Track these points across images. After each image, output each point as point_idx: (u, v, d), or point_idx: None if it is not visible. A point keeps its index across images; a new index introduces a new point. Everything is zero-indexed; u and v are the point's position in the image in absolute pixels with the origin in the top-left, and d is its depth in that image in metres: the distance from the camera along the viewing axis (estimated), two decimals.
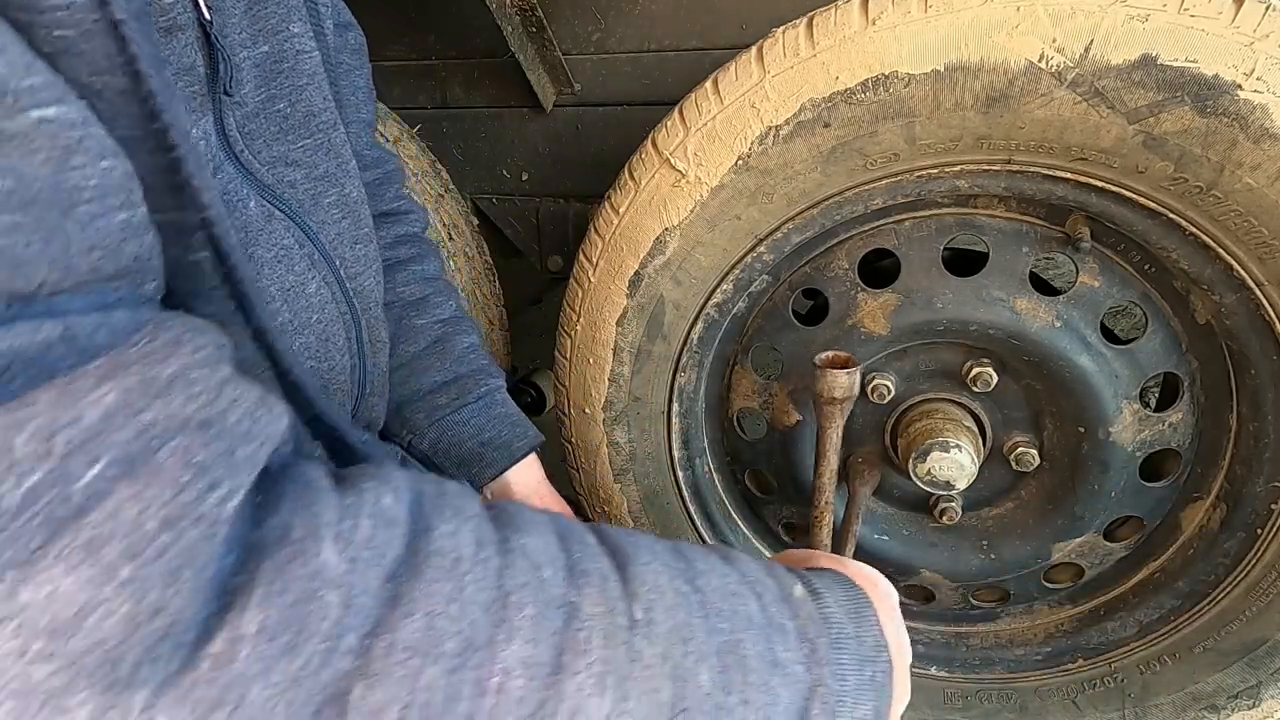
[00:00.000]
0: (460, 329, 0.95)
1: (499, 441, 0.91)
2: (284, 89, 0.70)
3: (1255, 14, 0.73)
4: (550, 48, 1.20)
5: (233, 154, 0.64)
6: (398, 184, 0.99)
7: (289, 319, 0.68)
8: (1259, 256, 0.83)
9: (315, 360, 0.71)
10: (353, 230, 0.77)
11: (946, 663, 1.20)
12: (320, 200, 0.74)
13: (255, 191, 0.66)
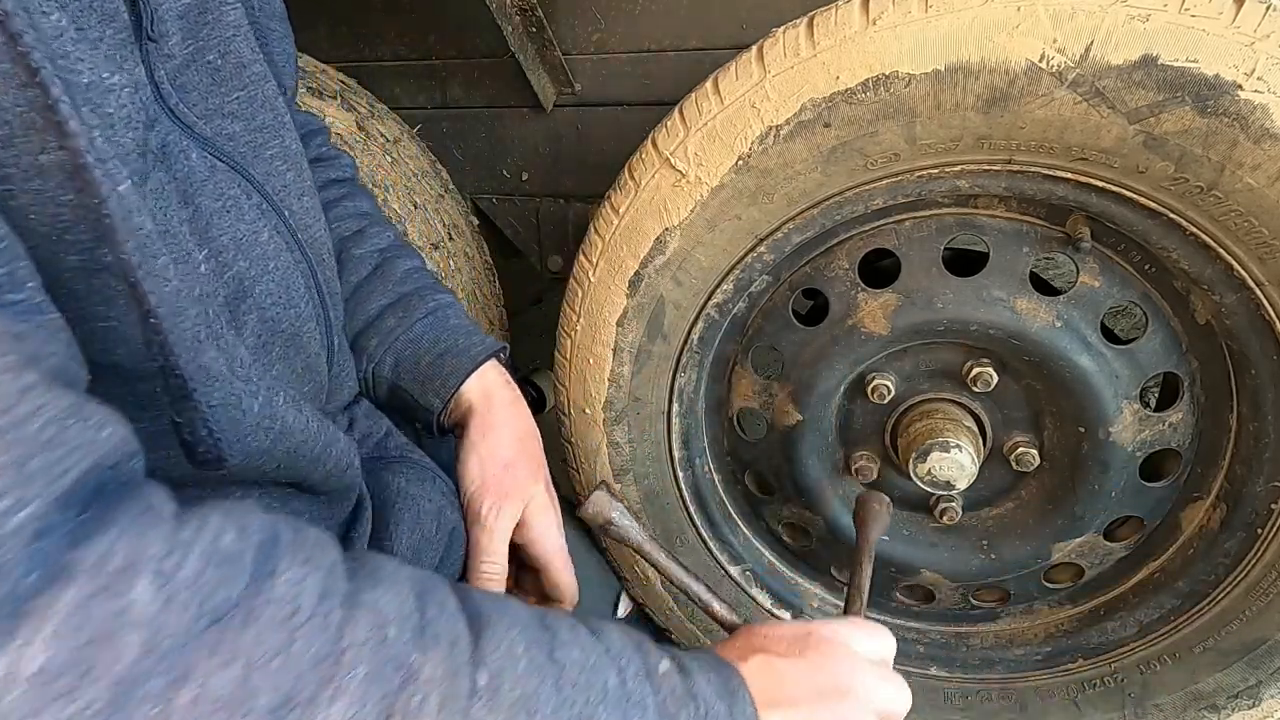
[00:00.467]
0: (400, 254, 0.94)
1: (455, 350, 0.90)
2: (211, 40, 0.70)
3: (1256, 14, 0.73)
4: (550, 48, 1.20)
5: (167, 107, 0.64)
6: (324, 135, 1.00)
7: (246, 268, 0.67)
8: (1259, 256, 0.84)
9: (280, 307, 0.71)
10: (298, 182, 0.77)
11: (947, 663, 1.20)
12: (262, 152, 0.73)
13: (196, 144, 0.66)
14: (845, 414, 1.10)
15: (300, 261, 0.74)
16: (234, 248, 0.67)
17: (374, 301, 0.91)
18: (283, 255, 0.72)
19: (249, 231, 0.68)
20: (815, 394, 1.06)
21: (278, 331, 0.71)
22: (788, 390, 1.08)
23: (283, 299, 0.71)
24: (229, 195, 0.67)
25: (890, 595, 1.21)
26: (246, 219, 0.68)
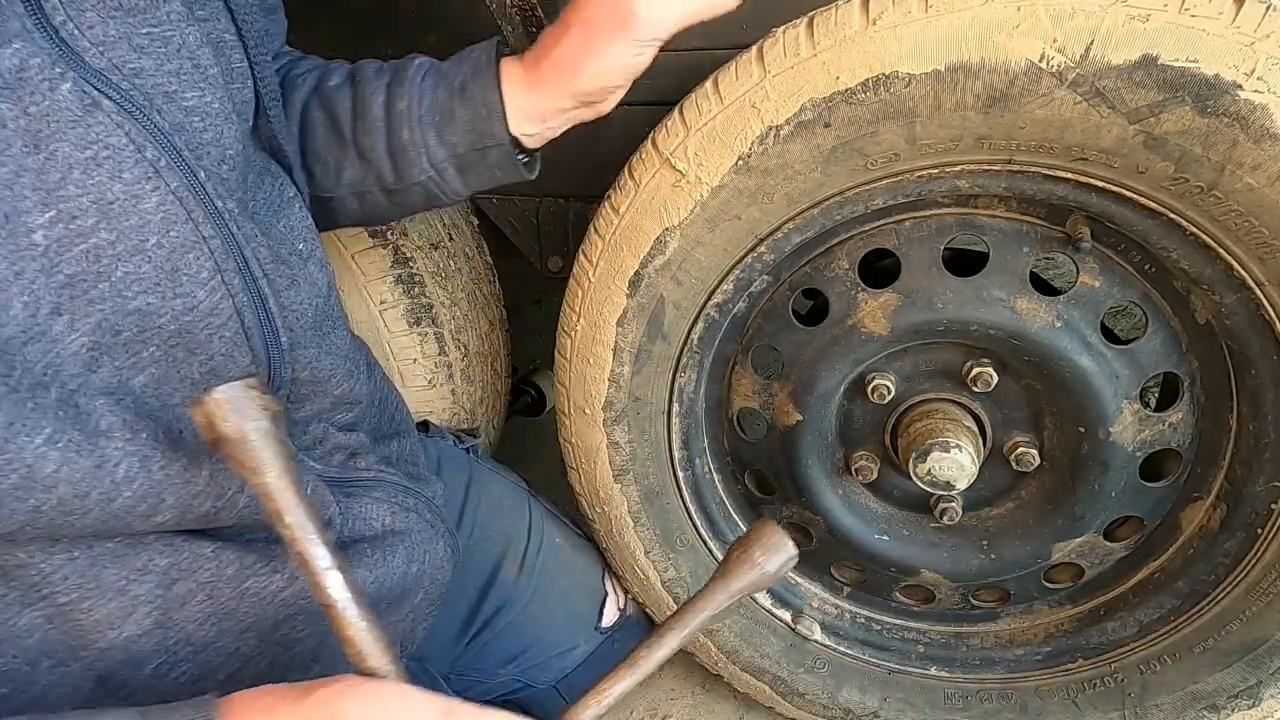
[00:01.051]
0: (364, 62, 0.92)
1: (466, 72, 0.86)
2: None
3: (1256, 14, 0.73)
4: None
5: (45, 21, 0.54)
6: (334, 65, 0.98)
7: (108, 240, 0.56)
8: (1259, 256, 0.84)
9: (156, 296, 0.59)
10: (218, 149, 0.67)
11: (946, 663, 1.20)
12: (177, 99, 0.63)
13: (75, 73, 0.55)
14: (845, 414, 1.10)
15: (211, 239, 0.62)
16: (96, 213, 0.55)
17: (374, 106, 0.87)
18: (176, 229, 0.60)
19: (124, 194, 0.57)
20: (815, 394, 1.06)
21: (149, 329, 0.60)
22: (788, 390, 1.08)
23: (161, 286, 0.59)
24: (104, 144, 0.56)
25: (890, 595, 1.21)
26: (124, 178, 0.57)
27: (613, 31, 0.79)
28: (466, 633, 1.14)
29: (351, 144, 0.89)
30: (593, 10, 0.79)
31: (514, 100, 0.85)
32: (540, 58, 0.84)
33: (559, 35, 0.82)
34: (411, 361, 1.25)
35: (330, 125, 0.90)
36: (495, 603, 1.15)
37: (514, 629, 1.16)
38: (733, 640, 1.23)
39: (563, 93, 0.84)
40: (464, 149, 0.87)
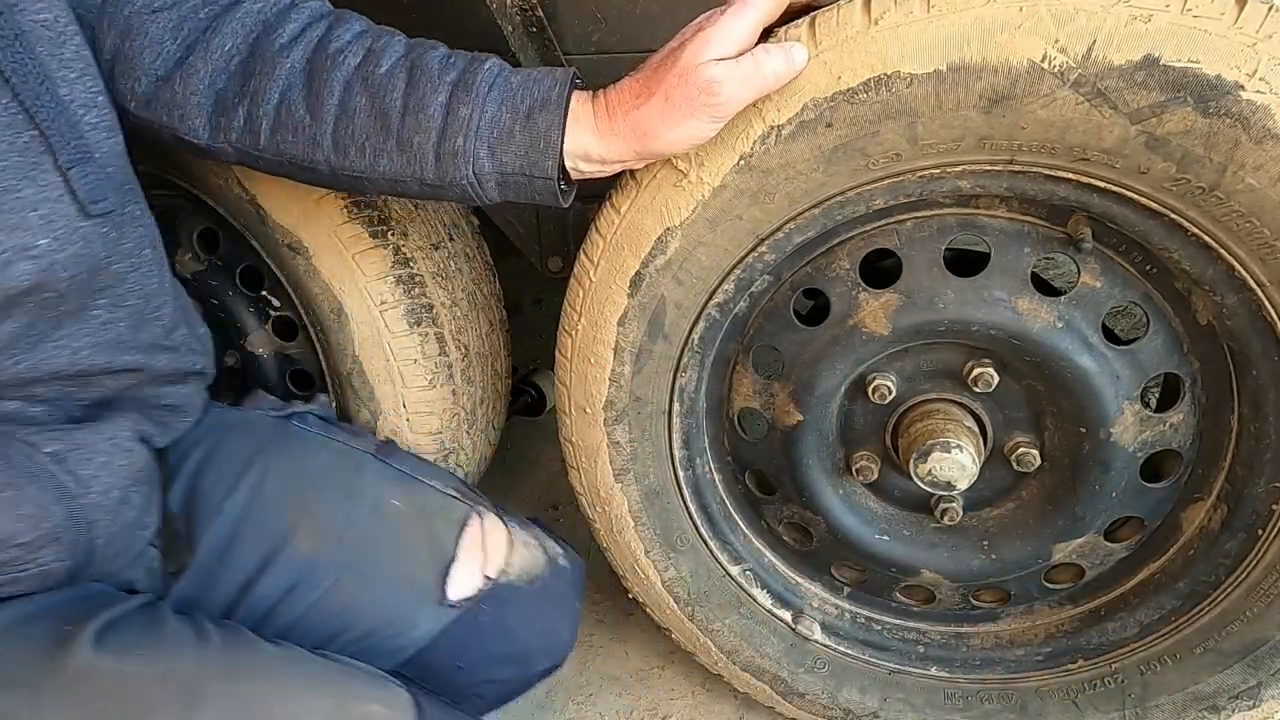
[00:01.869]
0: (423, 50, 0.90)
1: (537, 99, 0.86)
2: None
3: (1258, 15, 0.73)
4: (550, 48, 1.20)
5: None
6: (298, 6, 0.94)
7: None
8: (1260, 257, 0.84)
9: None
10: (81, 83, 0.68)
11: (947, 663, 1.20)
12: None
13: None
14: (846, 414, 1.10)
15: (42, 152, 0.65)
16: None
17: (432, 104, 0.86)
18: None
19: None
20: (816, 394, 1.06)
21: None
22: (788, 390, 1.08)
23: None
24: None
25: (890, 595, 1.21)
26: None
27: (695, 109, 0.82)
28: (251, 607, 1.03)
29: (396, 135, 0.88)
30: (676, 84, 0.81)
31: (579, 140, 0.86)
32: (616, 111, 0.85)
33: (639, 97, 0.84)
34: (411, 361, 1.25)
35: (375, 114, 0.88)
36: (284, 579, 1.03)
37: (321, 609, 1.04)
38: (733, 640, 1.23)
39: (630, 151, 0.86)
40: (512, 170, 0.88)
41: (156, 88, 0.93)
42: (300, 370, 1.40)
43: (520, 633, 1.09)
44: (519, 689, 1.16)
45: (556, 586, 1.15)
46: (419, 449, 1.31)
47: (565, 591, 1.16)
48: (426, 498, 1.14)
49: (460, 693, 1.08)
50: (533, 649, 1.12)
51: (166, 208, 1.40)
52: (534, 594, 1.11)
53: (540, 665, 1.14)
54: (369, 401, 1.28)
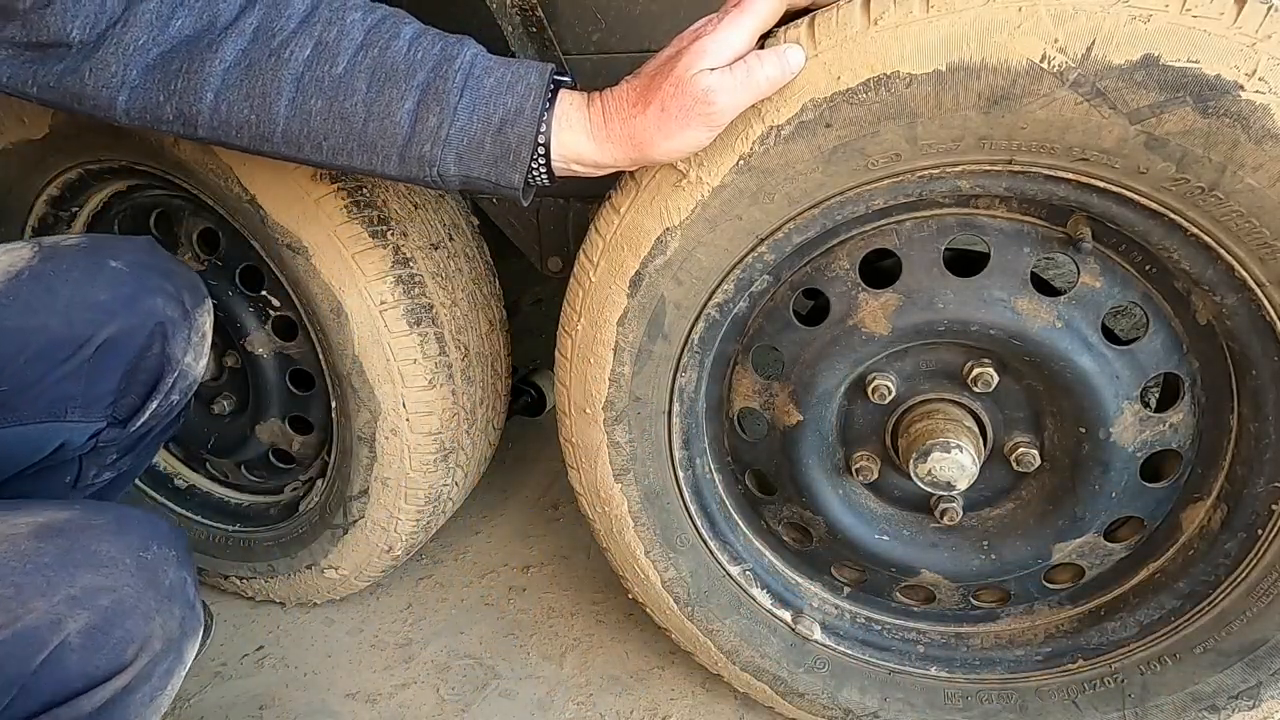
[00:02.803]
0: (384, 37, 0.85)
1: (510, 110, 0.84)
2: None
3: (1257, 15, 0.73)
4: (550, 48, 1.20)
5: None
6: None
7: None
8: (1260, 257, 0.84)
9: None
10: None
11: (946, 663, 1.20)
12: None
13: None
14: (846, 414, 1.10)
15: None
16: None
17: (398, 111, 0.83)
18: None
19: None
20: (816, 394, 1.06)
21: None
22: (788, 390, 1.08)
23: None
24: None
25: (890, 595, 1.21)
26: None
27: (690, 119, 0.82)
28: None
29: (358, 137, 0.86)
30: (672, 94, 0.82)
31: (573, 144, 0.86)
32: (612, 118, 0.85)
33: (635, 105, 0.84)
34: (411, 361, 1.25)
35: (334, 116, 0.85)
36: None
37: None
38: (733, 640, 1.23)
39: (626, 158, 0.87)
40: (478, 176, 0.87)
41: (61, 78, 0.88)
42: (300, 370, 1.40)
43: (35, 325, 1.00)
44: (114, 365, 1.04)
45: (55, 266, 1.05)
46: (419, 449, 1.31)
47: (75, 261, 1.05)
48: None
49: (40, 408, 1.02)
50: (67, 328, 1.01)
51: (166, 208, 1.41)
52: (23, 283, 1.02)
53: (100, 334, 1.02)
54: (369, 401, 1.28)
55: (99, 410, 1.06)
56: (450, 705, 1.41)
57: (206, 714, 1.44)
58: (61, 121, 1.30)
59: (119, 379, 1.05)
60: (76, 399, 1.03)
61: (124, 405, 1.07)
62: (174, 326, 1.07)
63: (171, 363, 1.08)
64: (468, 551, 1.75)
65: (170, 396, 1.10)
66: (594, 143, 0.86)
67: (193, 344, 1.11)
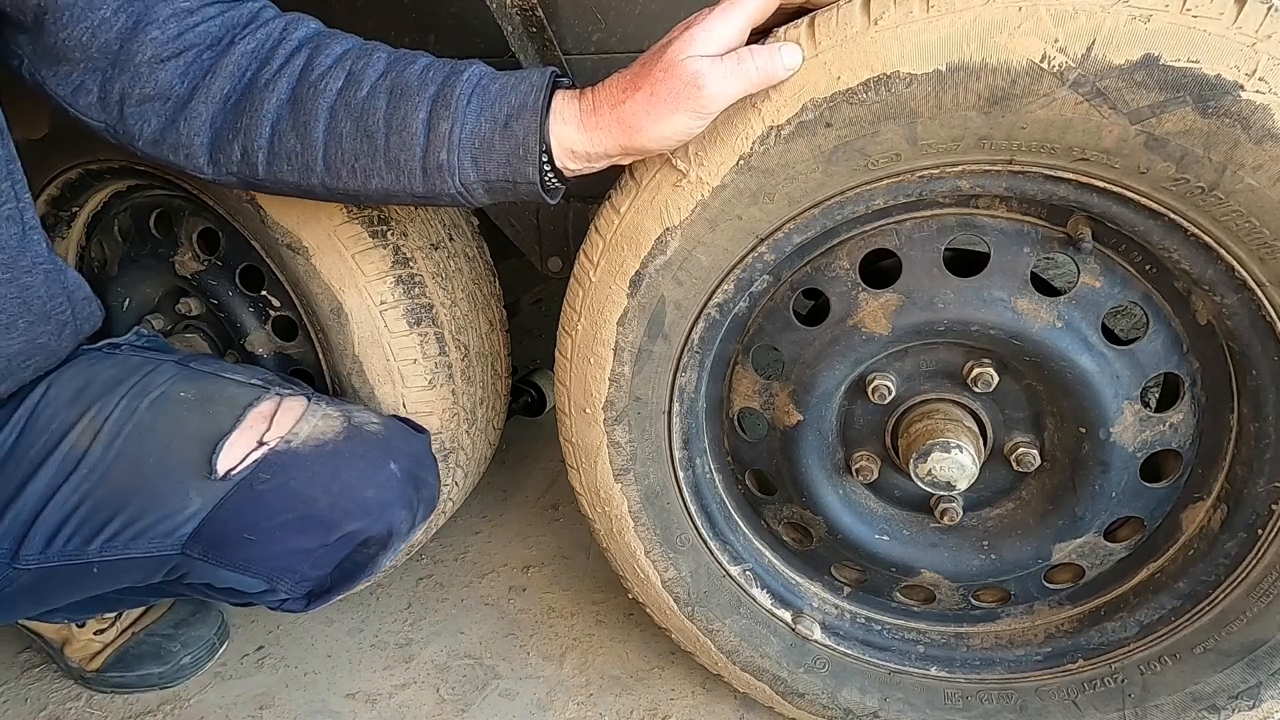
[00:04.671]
0: (403, 65, 0.92)
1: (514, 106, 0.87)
2: None
3: (1257, 15, 0.73)
4: (550, 48, 1.20)
5: None
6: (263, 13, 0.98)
7: None
8: (1260, 257, 0.84)
9: None
10: None
11: (946, 663, 1.20)
12: None
13: None
14: (846, 414, 1.10)
15: None
16: None
17: (414, 122, 0.89)
18: None
19: None
20: (816, 394, 1.06)
21: None
22: (788, 390, 1.08)
23: None
24: None
25: (890, 595, 1.21)
26: None
27: (679, 103, 0.82)
28: (22, 505, 1.05)
29: (383, 154, 0.91)
30: (661, 78, 0.82)
31: (565, 137, 0.87)
32: (601, 105, 0.86)
33: (624, 91, 0.85)
34: (411, 361, 1.25)
35: (361, 135, 0.91)
36: (56, 473, 1.05)
37: (92, 500, 1.04)
38: (733, 640, 1.23)
39: (616, 145, 0.87)
40: (497, 178, 0.90)
41: (163, 130, 0.97)
42: (300, 370, 1.40)
43: (309, 495, 1.06)
44: (339, 555, 1.10)
45: (352, 447, 1.10)
46: None
47: (365, 451, 1.11)
48: (219, 387, 1.12)
49: (267, 567, 1.08)
50: (329, 510, 1.07)
51: (166, 208, 1.41)
52: (320, 455, 1.07)
53: (348, 526, 1.08)
54: (369, 401, 1.28)
55: (303, 587, 1.13)
56: (450, 705, 1.41)
57: (206, 714, 1.44)
58: (61, 121, 1.30)
59: (335, 567, 1.12)
60: (298, 573, 1.10)
61: (320, 587, 1.15)
62: (398, 540, 1.15)
63: (376, 567, 1.16)
64: (468, 551, 1.75)
65: (354, 587, 1.20)
66: (584, 132, 0.87)
67: (397, 552, 1.18)
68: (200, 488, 1.04)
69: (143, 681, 1.48)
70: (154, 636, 1.50)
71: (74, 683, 1.51)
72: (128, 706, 1.47)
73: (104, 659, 1.47)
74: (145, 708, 1.46)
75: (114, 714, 1.46)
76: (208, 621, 1.55)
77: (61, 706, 1.48)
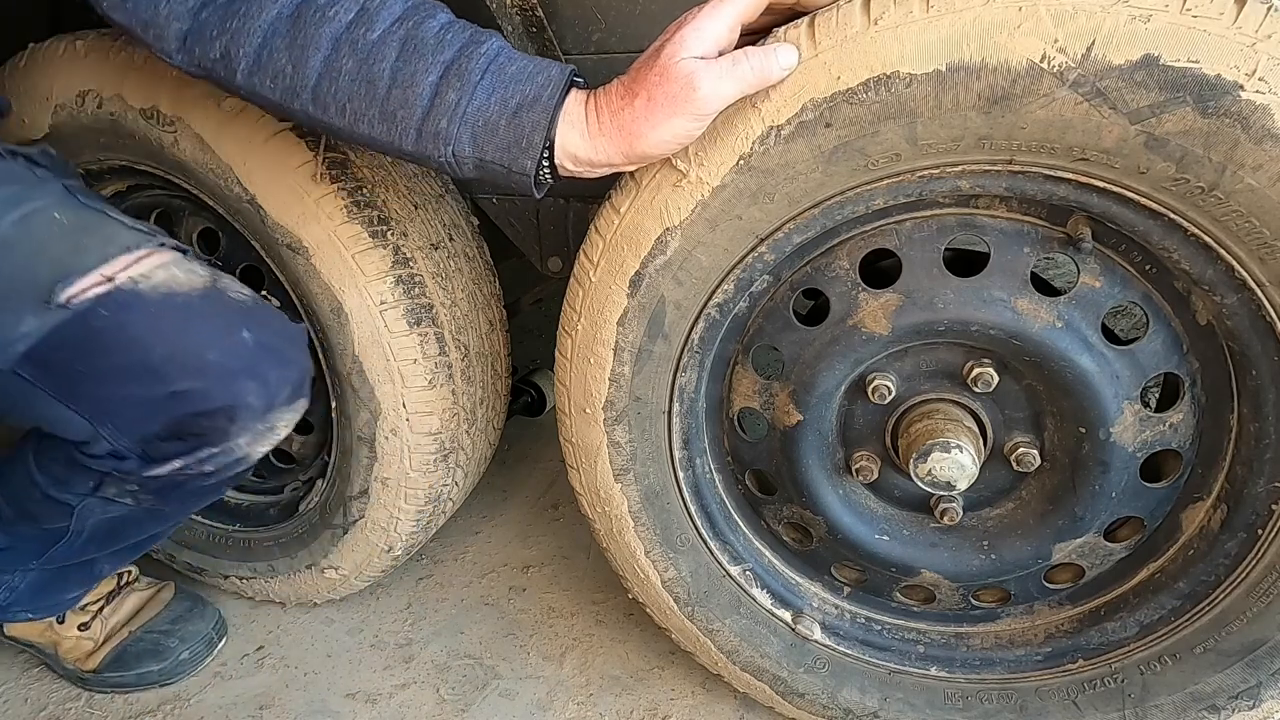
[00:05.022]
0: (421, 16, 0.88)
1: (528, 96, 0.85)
2: None
3: (1257, 15, 0.73)
4: (550, 48, 1.20)
5: None
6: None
7: None
8: (1260, 257, 0.84)
9: None
10: None
11: (946, 663, 1.20)
12: None
13: None
14: (846, 414, 1.10)
15: None
16: None
17: (421, 82, 0.86)
18: None
19: None
20: (816, 394, 1.06)
21: None
22: (788, 390, 1.08)
23: None
24: None
25: (890, 595, 1.21)
26: None
27: (676, 107, 0.82)
28: None
29: (380, 105, 0.88)
30: (657, 83, 0.82)
31: (570, 142, 0.87)
32: (603, 112, 0.86)
33: (623, 99, 0.85)
34: (411, 361, 1.25)
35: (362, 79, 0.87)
36: None
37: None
38: (733, 640, 1.23)
39: (618, 154, 0.87)
40: (491, 160, 0.88)
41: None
42: None
43: (146, 341, 1.01)
44: (171, 414, 1.05)
45: (206, 305, 1.05)
46: (419, 449, 1.31)
47: (219, 313, 1.06)
48: (100, 223, 1.06)
49: (93, 407, 1.04)
50: (163, 363, 1.02)
51: (166, 208, 1.41)
52: (168, 305, 1.02)
53: (181, 383, 1.03)
54: (369, 401, 1.28)
55: (132, 439, 1.07)
56: (450, 705, 1.41)
57: (206, 714, 1.44)
58: (61, 121, 1.30)
59: (164, 426, 1.06)
60: (122, 421, 1.05)
61: (157, 449, 1.09)
62: (245, 415, 1.07)
63: (222, 441, 1.09)
64: (468, 551, 1.75)
65: (205, 465, 1.11)
66: (587, 139, 0.87)
67: (256, 435, 1.11)
68: (37, 311, 0.99)
69: (142, 680, 1.48)
70: (151, 634, 1.50)
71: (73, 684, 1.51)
72: (128, 706, 1.47)
73: (100, 658, 1.47)
74: (145, 707, 1.46)
75: (114, 714, 1.46)
76: (205, 617, 1.55)
77: (61, 707, 1.48)
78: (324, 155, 1.19)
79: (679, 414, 1.11)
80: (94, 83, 1.25)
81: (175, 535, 1.62)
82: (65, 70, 1.28)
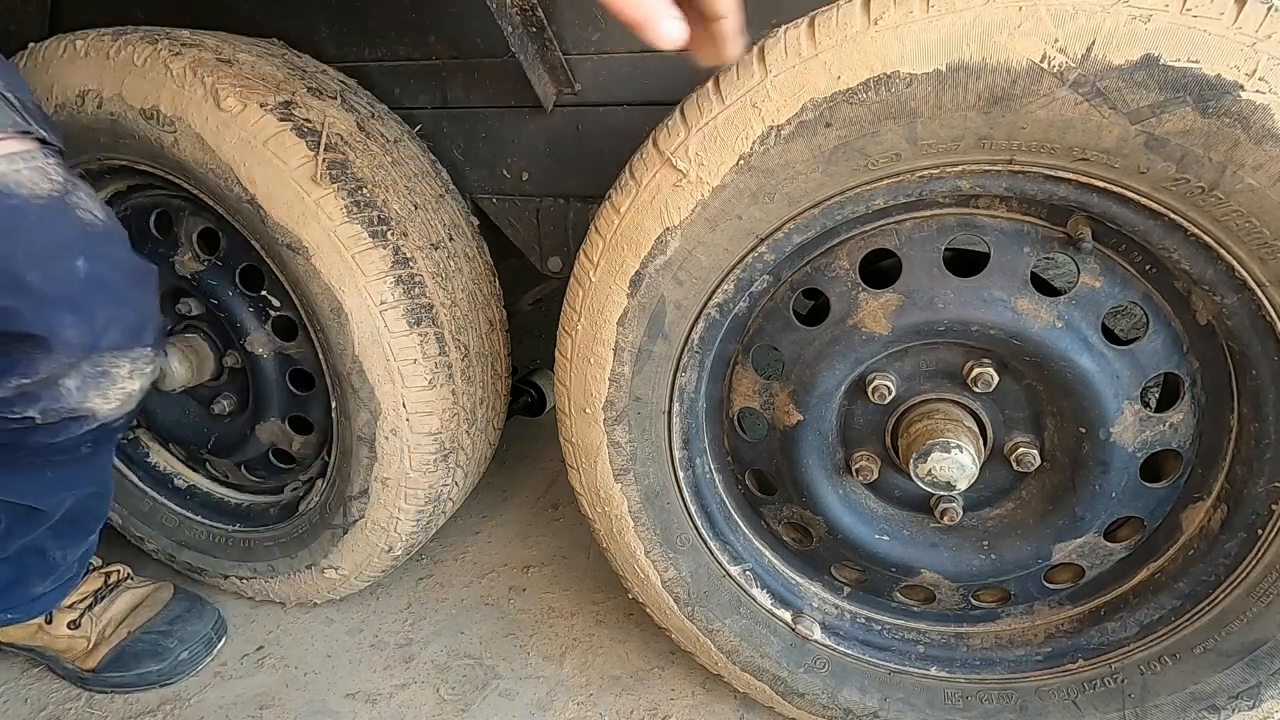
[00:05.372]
0: None
1: None
2: None
3: (1257, 15, 0.73)
4: (550, 48, 1.20)
5: None
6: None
7: None
8: (1260, 257, 0.84)
9: None
10: None
11: (946, 663, 1.20)
12: None
13: None
14: (846, 414, 1.10)
15: None
16: None
17: None
18: None
19: None
20: (816, 394, 1.06)
21: None
22: (788, 390, 1.08)
23: None
24: None
25: (890, 595, 1.21)
26: None
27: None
28: None
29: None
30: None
31: None
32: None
33: None
34: (411, 361, 1.25)
35: None
36: None
37: None
38: (733, 640, 1.23)
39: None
40: None
41: None
42: (300, 370, 1.40)
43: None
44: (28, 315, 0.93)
45: (44, 217, 0.93)
46: (419, 449, 1.31)
47: (57, 230, 0.94)
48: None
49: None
50: None
51: (166, 208, 1.41)
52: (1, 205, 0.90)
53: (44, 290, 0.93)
54: (369, 401, 1.28)
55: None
56: (450, 705, 1.41)
57: (206, 714, 1.43)
58: (61, 121, 1.30)
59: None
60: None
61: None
62: (61, 349, 0.96)
63: (33, 373, 0.97)
64: (468, 551, 1.75)
65: (29, 409, 1.00)
66: None
67: (86, 380, 1.00)
68: None
69: (142, 680, 1.48)
70: (150, 634, 1.50)
71: (74, 684, 1.51)
72: (128, 706, 1.47)
73: (100, 658, 1.47)
74: (145, 707, 1.46)
75: (114, 714, 1.46)
76: (204, 617, 1.55)
77: (61, 707, 1.48)
78: (324, 155, 1.19)
79: (679, 414, 1.11)
80: (94, 83, 1.26)
81: (175, 536, 1.62)
82: (65, 70, 1.28)
